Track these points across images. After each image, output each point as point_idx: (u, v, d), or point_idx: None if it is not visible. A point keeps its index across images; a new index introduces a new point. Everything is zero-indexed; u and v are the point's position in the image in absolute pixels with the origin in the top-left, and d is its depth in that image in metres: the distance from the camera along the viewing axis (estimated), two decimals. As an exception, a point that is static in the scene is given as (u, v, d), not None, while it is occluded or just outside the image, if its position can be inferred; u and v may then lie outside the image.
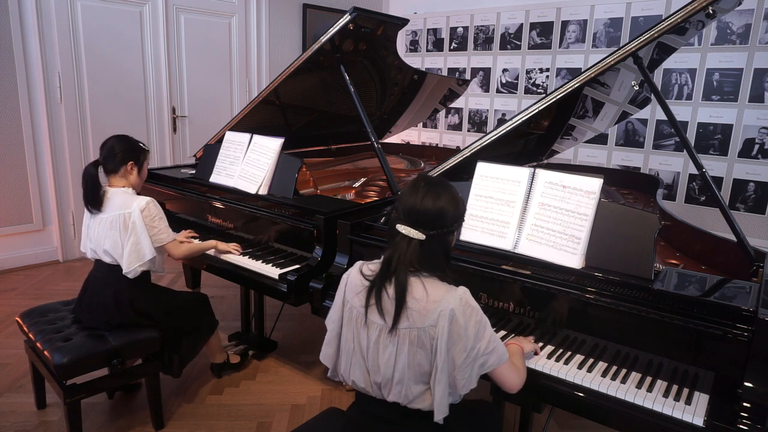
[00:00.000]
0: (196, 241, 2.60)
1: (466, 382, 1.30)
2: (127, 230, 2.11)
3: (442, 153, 4.17)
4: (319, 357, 1.50)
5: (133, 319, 2.18)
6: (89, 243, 2.21)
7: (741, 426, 1.30)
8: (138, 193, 2.24)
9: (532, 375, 1.54)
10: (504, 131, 2.18)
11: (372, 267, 1.41)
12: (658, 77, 4.28)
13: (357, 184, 3.16)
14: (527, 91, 5.12)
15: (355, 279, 1.42)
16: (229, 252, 2.45)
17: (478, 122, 5.54)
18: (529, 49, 5.06)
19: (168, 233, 2.21)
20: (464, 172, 2.11)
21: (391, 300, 1.31)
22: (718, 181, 4.11)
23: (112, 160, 2.18)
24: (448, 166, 2.32)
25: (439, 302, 1.28)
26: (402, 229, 1.33)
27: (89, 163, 2.16)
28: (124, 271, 2.12)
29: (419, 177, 1.41)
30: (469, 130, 5.62)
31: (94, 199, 2.13)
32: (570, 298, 1.62)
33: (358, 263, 1.46)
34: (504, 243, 1.79)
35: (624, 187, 3.21)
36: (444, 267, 1.38)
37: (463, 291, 1.31)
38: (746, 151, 4.01)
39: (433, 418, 1.31)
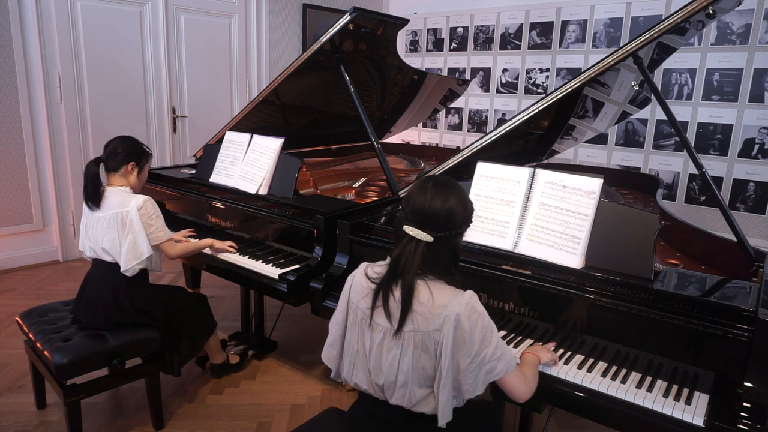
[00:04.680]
0: (193, 240, 2.60)
1: (471, 387, 1.29)
2: (125, 228, 2.12)
3: (442, 153, 4.17)
4: (321, 356, 1.50)
5: (133, 317, 2.18)
6: (88, 242, 2.21)
7: (741, 426, 1.30)
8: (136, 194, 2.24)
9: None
10: (504, 131, 2.18)
11: (377, 269, 1.40)
12: (658, 77, 4.29)
13: (357, 184, 3.16)
14: (527, 91, 5.12)
15: (360, 281, 1.40)
16: (226, 250, 2.45)
17: (478, 122, 5.54)
18: (529, 49, 5.06)
19: (164, 232, 2.21)
20: (464, 172, 2.11)
21: (397, 303, 1.30)
22: (718, 181, 4.11)
23: (114, 158, 2.20)
24: (448, 166, 2.32)
25: (445, 306, 1.27)
26: (409, 230, 1.31)
27: (91, 160, 2.18)
28: (122, 270, 2.12)
29: (427, 177, 1.39)
30: (469, 130, 5.62)
31: (94, 196, 2.15)
32: (570, 298, 1.62)
33: (363, 265, 1.45)
34: (504, 243, 1.79)
35: (624, 187, 3.21)
36: (452, 270, 1.36)
37: (470, 295, 1.30)
38: (746, 151, 4.01)
39: (435, 421, 1.30)
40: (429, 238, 1.30)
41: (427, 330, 1.27)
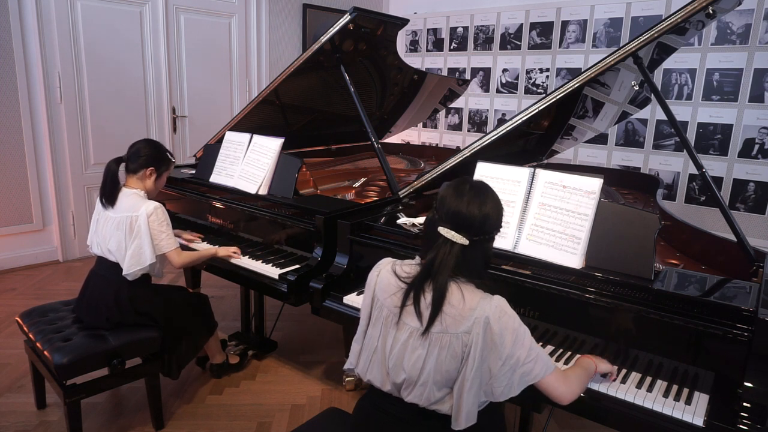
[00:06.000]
0: (199, 243, 2.60)
1: (505, 389, 1.28)
2: (132, 233, 2.12)
3: (442, 153, 4.17)
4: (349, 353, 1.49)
5: (133, 319, 2.18)
6: (96, 237, 2.22)
7: (741, 426, 1.30)
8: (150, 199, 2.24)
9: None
10: (504, 131, 2.18)
11: (407, 269, 1.39)
12: (658, 77, 4.29)
13: (357, 184, 3.16)
14: (527, 91, 5.12)
15: (388, 279, 1.39)
16: (230, 256, 2.42)
17: (478, 122, 5.54)
18: (529, 49, 5.06)
19: (171, 241, 2.20)
20: (464, 172, 2.11)
21: (428, 303, 1.30)
22: (718, 181, 4.11)
23: (135, 160, 2.22)
24: (448, 166, 2.32)
25: (474, 309, 1.27)
26: (445, 232, 1.31)
27: (112, 159, 2.20)
28: (123, 273, 2.13)
29: (462, 179, 1.38)
30: (469, 130, 5.62)
31: (110, 195, 2.17)
32: (570, 298, 1.62)
33: (388, 261, 1.44)
34: (504, 243, 1.79)
35: (624, 187, 3.21)
36: (483, 274, 1.36)
37: (498, 299, 1.30)
38: (746, 151, 4.01)
39: (447, 420, 1.30)
40: (464, 241, 1.30)
41: (456, 332, 1.27)
